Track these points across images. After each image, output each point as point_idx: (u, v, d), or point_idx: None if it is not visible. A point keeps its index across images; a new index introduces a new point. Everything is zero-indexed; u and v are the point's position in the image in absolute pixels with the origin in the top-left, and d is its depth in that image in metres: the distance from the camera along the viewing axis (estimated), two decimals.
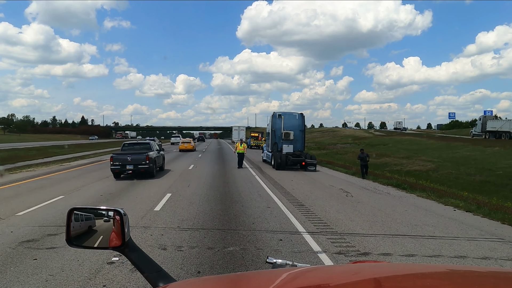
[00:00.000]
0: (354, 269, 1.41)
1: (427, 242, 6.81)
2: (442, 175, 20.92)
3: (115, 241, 1.40)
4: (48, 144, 53.98)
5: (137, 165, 15.39)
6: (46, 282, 4.70)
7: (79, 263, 5.34)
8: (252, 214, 8.86)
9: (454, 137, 51.55)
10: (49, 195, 11.31)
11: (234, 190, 12.65)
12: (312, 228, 7.66)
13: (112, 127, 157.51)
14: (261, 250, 6.06)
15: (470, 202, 11.28)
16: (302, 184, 14.89)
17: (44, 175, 17.34)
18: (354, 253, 6.08)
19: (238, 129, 67.45)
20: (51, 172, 19.01)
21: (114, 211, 1.44)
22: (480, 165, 23.18)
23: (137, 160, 15.48)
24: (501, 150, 29.73)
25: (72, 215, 1.48)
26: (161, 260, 5.45)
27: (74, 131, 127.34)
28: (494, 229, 8.09)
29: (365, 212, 9.58)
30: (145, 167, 15.42)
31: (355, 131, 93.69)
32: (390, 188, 14.45)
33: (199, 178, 16.12)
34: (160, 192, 11.93)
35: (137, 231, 7.08)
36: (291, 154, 21.23)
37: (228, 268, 5.27)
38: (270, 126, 23.41)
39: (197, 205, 9.94)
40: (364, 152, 18.30)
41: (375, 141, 50.03)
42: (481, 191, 15.29)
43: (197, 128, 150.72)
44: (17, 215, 8.61)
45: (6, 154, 29.32)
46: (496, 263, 5.84)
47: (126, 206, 9.62)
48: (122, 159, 15.54)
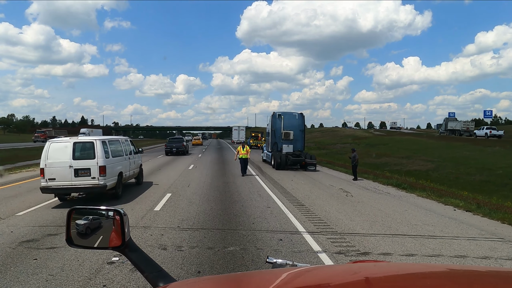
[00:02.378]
0: (354, 269, 1.40)
1: (427, 242, 6.81)
2: (442, 174, 20.93)
3: (115, 241, 1.40)
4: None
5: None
6: (46, 282, 4.70)
7: (79, 263, 5.35)
8: (252, 214, 8.86)
9: (454, 137, 51.55)
10: (49, 195, 11.29)
11: (234, 190, 12.65)
12: (312, 228, 7.66)
13: (112, 127, 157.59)
14: (261, 250, 6.06)
15: (470, 201, 11.28)
16: (302, 184, 14.88)
17: None
18: (354, 253, 6.08)
19: (238, 129, 67.42)
20: None
21: (114, 211, 1.44)
22: (480, 164, 23.19)
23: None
24: (501, 150, 29.74)
25: (72, 215, 1.48)
26: (161, 260, 5.45)
27: (74, 131, 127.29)
28: (494, 229, 8.09)
29: (365, 211, 9.58)
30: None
31: (355, 131, 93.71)
32: (390, 188, 14.45)
33: (199, 178, 16.12)
34: (160, 192, 11.93)
35: (137, 231, 7.08)
36: (291, 154, 21.23)
37: (228, 268, 5.27)
38: (270, 126, 23.40)
39: (197, 205, 9.94)
40: (355, 152, 17.51)
41: (375, 141, 50.01)
42: (481, 190, 15.31)
43: (197, 128, 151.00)
44: (17, 215, 8.61)
45: (6, 154, 29.32)
46: (496, 263, 5.84)
47: (126, 206, 9.63)
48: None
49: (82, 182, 9.63)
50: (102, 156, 9.85)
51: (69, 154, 9.69)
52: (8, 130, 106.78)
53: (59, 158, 9.68)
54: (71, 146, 9.78)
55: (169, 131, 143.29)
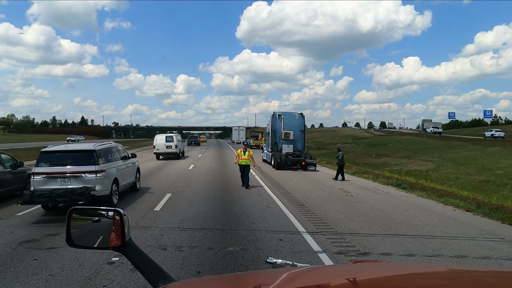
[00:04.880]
0: (354, 269, 1.40)
1: (427, 242, 6.81)
2: (442, 174, 20.93)
3: (115, 241, 1.40)
4: (48, 144, 53.89)
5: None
6: (46, 282, 4.70)
7: (79, 263, 5.34)
8: (252, 214, 8.86)
9: (454, 137, 51.59)
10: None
11: (234, 190, 12.64)
12: (312, 228, 7.66)
13: (112, 127, 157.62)
14: (261, 250, 6.06)
15: (470, 201, 11.27)
16: (302, 184, 14.88)
17: None
18: (354, 253, 6.08)
19: (238, 129, 67.45)
20: None
21: (114, 211, 1.44)
22: (480, 164, 23.20)
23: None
24: (501, 150, 29.76)
25: (72, 215, 1.48)
26: (161, 260, 5.45)
27: (74, 131, 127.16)
28: (494, 229, 8.08)
29: (365, 212, 9.57)
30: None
31: (355, 131, 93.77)
32: (390, 188, 14.44)
33: (199, 178, 16.12)
34: (160, 192, 11.93)
35: (137, 231, 7.08)
36: (291, 154, 21.22)
37: (228, 268, 5.27)
38: (270, 126, 23.39)
39: (197, 205, 9.94)
40: (341, 152, 17.08)
41: (375, 141, 50.03)
42: (481, 190, 15.32)
43: (197, 128, 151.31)
44: (17, 215, 8.61)
45: None
46: (496, 263, 5.84)
47: (126, 206, 9.63)
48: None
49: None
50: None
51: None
52: (8, 130, 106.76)
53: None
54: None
55: (169, 131, 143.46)
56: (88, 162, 8.97)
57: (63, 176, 8.79)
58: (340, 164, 16.57)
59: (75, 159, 9.10)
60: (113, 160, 10.17)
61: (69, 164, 8.94)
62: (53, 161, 8.97)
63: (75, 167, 8.84)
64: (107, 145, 10.38)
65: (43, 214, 8.86)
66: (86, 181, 8.74)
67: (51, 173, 8.74)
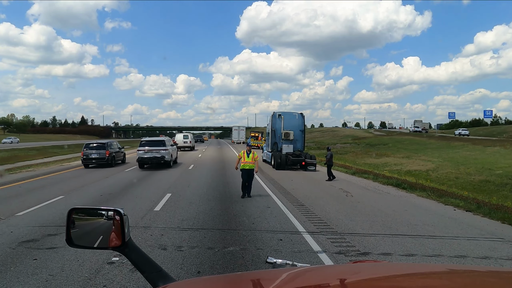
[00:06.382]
0: (354, 269, 1.41)
1: (427, 242, 6.81)
2: (442, 174, 20.92)
3: (115, 241, 1.40)
4: (48, 144, 54.01)
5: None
6: (46, 282, 4.70)
7: (79, 263, 5.34)
8: (252, 214, 8.86)
9: (454, 137, 51.62)
10: (49, 195, 11.31)
11: (234, 190, 12.64)
12: (312, 228, 7.66)
13: (112, 127, 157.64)
14: (261, 250, 6.06)
15: (470, 201, 11.27)
16: (302, 184, 14.88)
17: (44, 175, 17.34)
18: (354, 253, 6.08)
19: (238, 129, 67.46)
20: (51, 172, 19.01)
21: (114, 211, 1.43)
22: (480, 164, 23.19)
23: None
24: (501, 150, 29.78)
25: (72, 215, 1.48)
26: (161, 260, 5.45)
27: (74, 131, 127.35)
28: (494, 229, 8.08)
29: (365, 211, 9.57)
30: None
31: (355, 131, 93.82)
32: (390, 188, 14.44)
33: (199, 178, 16.13)
34: (160, 192, 11.93)
35: (137, 231, 7.08)
36: (291, 154, 21.23)
37: (228, 268, 5.27)
38: (270, 126, 23.40)
39: (197, 205, 9.94)
40: (330, 152, 16.99)
41: (375, 141, 50.04)
42: (481, 190, 15.31)
43: (197, 128, 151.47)
44: (17, 215, 8.61)
45: (6, 154, 29.32)
46: (496, 263, 5.84)
47: (126, 206, 9.63)
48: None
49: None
50: None
51: None
52: (8, 130, 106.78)
53: None
54: None
55: (169, 131, 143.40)
56: (163, 145, 20.44)
57: (152, 151, 20.22)
58: (328, 164, 16.44)
59: (157, 143, 20.56)
60: (170, 145, 21.84)
61: (153, 146, 20.35)
62: (145, 145, 20.65)
63: (157, 147, 20.21)
64: (168, 138, 24.26)
65: (43, 214, 8.87)
66: (162, 153, 20.12)
67: (147, 150, 20.22)
